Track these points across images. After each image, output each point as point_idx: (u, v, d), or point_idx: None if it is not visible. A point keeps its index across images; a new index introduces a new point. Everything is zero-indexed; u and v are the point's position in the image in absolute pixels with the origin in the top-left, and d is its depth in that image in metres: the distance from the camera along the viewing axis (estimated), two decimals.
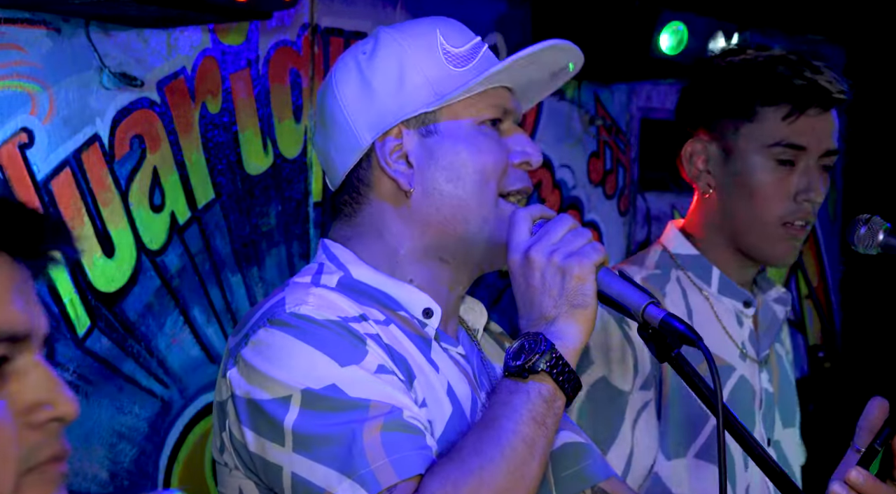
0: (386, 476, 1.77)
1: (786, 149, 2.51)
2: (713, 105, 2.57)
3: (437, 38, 1.98)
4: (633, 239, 4.51)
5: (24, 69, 2.83)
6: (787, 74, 2.52)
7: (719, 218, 2.59)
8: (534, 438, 1.79)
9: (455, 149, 1.95)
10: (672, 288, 2.60)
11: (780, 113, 2.51)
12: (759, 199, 2.53)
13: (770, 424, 2.63)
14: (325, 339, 1.84)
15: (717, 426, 1.76)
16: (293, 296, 1.89)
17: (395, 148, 1.96)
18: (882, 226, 2.31)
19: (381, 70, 1.97)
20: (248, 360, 1.86)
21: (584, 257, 1.85)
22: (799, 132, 2.51)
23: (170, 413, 3.15)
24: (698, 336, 1.78)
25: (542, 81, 2.07)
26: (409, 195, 1.96)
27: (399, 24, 2.05)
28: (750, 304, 2.62)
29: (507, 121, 2.00)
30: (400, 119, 1.95)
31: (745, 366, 2.61)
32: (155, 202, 3.12)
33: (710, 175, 2.58)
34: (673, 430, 2.54)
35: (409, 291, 1.96)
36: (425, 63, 1.96)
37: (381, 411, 1.80)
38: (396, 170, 1.96)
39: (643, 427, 2.53)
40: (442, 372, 1.94)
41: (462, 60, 1.97)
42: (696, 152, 2.58)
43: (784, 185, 2.52)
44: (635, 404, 2.52)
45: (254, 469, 1.88)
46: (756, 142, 2.52)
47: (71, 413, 1.15)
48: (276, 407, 1.82)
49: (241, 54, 3.29)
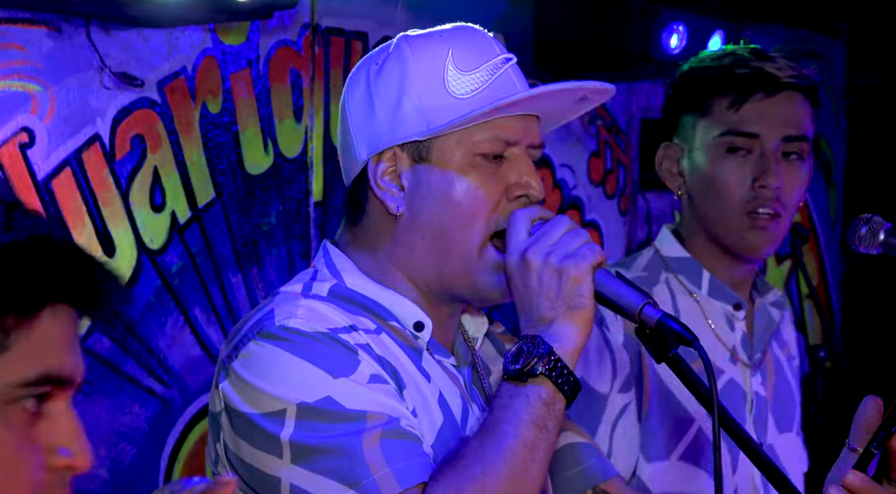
0: (389, 485, 1.77)
1: (735, 137, 2.54)
2: (675, 108, 2.62)
3: (446, 59, 1.92)
4: (633, 238, 4.51)
5: (25, 69, 2.84)
6: (731, 64, 2.55)
7: (695, 217, 2.61)
8: (535, 442, 1.79)
9: (443, 181, 1.90)
10: (660, 291, 2.61)
11: (726, 102, 2.54)
12: (718, 190, 2.54)
13: (762, 428, 2.63)
14: (316, 351, 1.82)
15: (713, 424, 1.77)
16: (282, 309, 1.87)
17: (388, 170, 1.93)
18: (882, 225, 2.32)
19: (382, 89, 1.93)
20: (239, 374, 1.85)
21: (580, 258, 1.84)
22: (747, 119, 2.53)
23: (170, 413, 3.16)
24: (695, 336, 1.78)
25: (566, 108, 2.02)
26: (398, 219, 1.93)
27: (421, 34, 1.98)
28: (740, 307, 2.61)
29: (516, 147, 1.93)
30: (392, 143, 1.92)
31: (735, 370, 2.61)
32: (155, 202, 3.12)
33: (680, 176, 2.61)
34: (655, 432, 2.54)
35: (402, 303, 1.94)
36: (424, 88, 1.91)
37: (379, 421, 1.80)
38: (386, 193, 1.93)
39: (622, 431, 2.53)
40: (433, 382, 1.93)
41: (468, 86, 1.91)
42: (666, 156, 2.63)
43: (739, 173, 2.53)
44: (614, 407, 2.52)
45: (249, 482, 1.87)
46: (708, 135, 2.55)
47: (85, 466, 1.22)
48: (271, 421, 1.81)
49: (242, 54, 3.29)
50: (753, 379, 2.62)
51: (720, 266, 2.61)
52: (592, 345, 2.49)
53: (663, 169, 2.63)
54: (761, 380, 2.64)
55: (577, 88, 1.95)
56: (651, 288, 2.58)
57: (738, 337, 2.62)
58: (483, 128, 1.91)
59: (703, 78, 2.56)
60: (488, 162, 1.92)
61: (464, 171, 1.91)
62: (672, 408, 2.51)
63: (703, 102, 2.56)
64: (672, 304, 2.59)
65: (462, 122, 1.89)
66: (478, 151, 1.91)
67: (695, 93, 2.57)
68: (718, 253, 2.60)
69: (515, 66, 1.97)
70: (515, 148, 1.94)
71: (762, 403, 2.63)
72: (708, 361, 1.75)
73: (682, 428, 2.55)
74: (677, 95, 2.62)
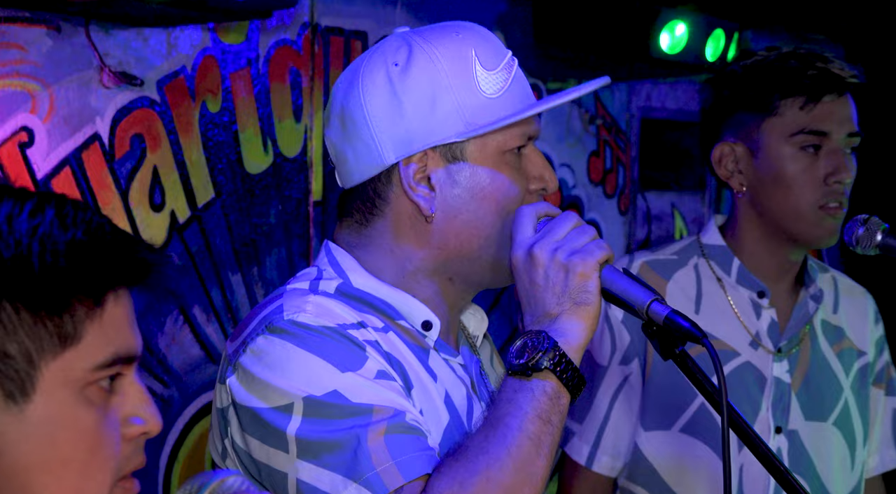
0: (392, 478, 1.77)
1: (808, 136, 2.64)
2: (734, 107, 2.71)
3: (472, 59, 1.93)
4: (633, 238, 4.51)
5: (25, 68, 2.83)
6: (800, 66, 2.66)
7: (756, 212, 2.70)
8: (540, 436, 1.79)
9: (478, 178, 1.93)
10: (684, 274, 2.73)
11: (798, 103, 2.65)
12: (792, 188, 2.65)
13: (781, 412, 2.69)
14: (324, 346, 1.83)
15: (722, 424, 1.76)
16: (291, 303, 1.88)
17: (419, 170, 1.93)
18: (880, 226, 2.34)
19: (413, 90, 1.92)
20: (247, 368, 1.86)
21: (587, 254, 1.85)
22: (818, 119, 2.65)
23: (170, 413, 3.15)
24: (703, 333, 1.78)
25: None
26: (430, 219, 1.94)
27: (430, 32, 1.98)
28: (764, 294, 2.71)
29: (529, 144, 1.98)
30: (428, 145, 1.92)
31: (755, 354, 2.69)
32: (155, 201, 3.12)
33: (741, 174, 2.70)
34: (657, 401, 2.65)
35: (410, 302, 1.94)
36: (459, 88, 1.92)
37: (385, 415, 1.80)
38: (419, 194, 1.93)
39: (623, 402, 2.68)
40: (440, 381, 1.94)
41: (495, 85, 1.93)
42: (724, 155, 2.72)
43: (812, 171, 2.64)
44: (613, 379, 2.68)
45: (258, 477, 1.88)
46: (779, 134, 2.66)
47: (157, 429, 1.33)
48: (278, 415, 1.82)
49: (242, 53, 3.29)
50: (777, 365, 2.70)
51: (766, 257, 2.72)
52: None
53: (723, 167, 2.72)
54: (788, 368, 2.71)
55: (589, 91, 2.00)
56: (675, 270, 2.73)
57: (764, 324, 2.72)
58: (512, 126, 1.94)
59: (771, 79, 2.66)
60: (514, 156, 1.95)
61: (497, 168, 1.94)
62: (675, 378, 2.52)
63: (769, 103, 2.66)
64: (696, 287, 2.72)
65: (503, 124, 1.92)
66: (507, 147, 1.94)
67: (760, 93, 2.67)
68: (769, 246, 2.71)
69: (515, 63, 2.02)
70: (530, 142, 1.98)
71: (784, 389, 2.70)
72: (716, 358, 1.75)
73: (686, 400, 2.64)
74: (735, 96, 2.71)
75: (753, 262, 2.72)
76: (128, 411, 1.31)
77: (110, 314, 1.29)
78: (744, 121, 2.69)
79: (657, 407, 2.66)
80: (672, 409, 2.65)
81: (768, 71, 2.68)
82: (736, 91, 2.71)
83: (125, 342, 1.30)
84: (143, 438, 1.33)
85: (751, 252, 2.72)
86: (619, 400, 2.68)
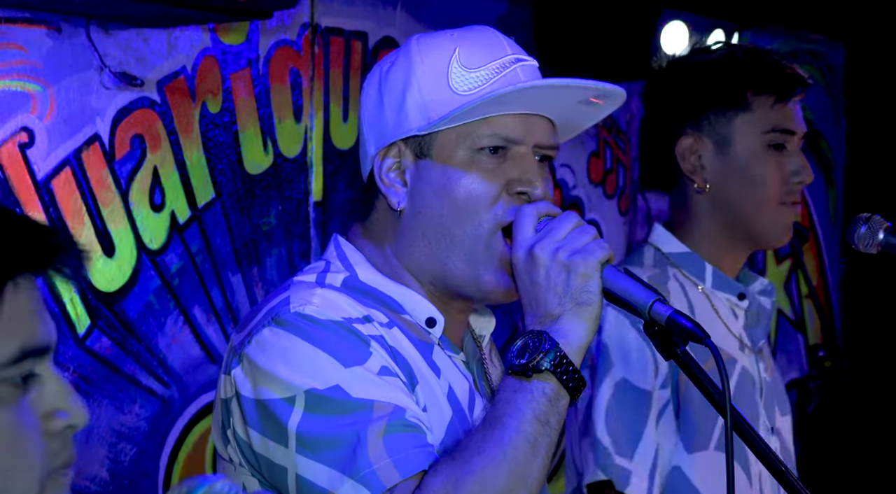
0: (388, 475, 1.78)
1: (778, 134, 2.62)
2: (701, 100, 2.64)
3: (451, 57, 1.93)
4: (633, 238, 4.51)
5: (25, 68, 2.83)
6: (774, 64, 2.63)
7: (716, 209, 2.64)
8: (537, 437, 1.79)
9: (442, 177, 1.92)
10: (673, 286, 2.64)
11: (769, 101, 2.61)
12: (761, 185, 2.61)
13: (771, 412, 2.68)
14: (329, 340, 1.84)
15: (726, 425, 1.76)
16: (298, 296, 1.89)
17: (393, 165, 1.95)
18: (882, 225, 2.34)
19: (390, 85, 1.96)
20: (252, 359, 1.87)
21: (588, 254, 1.84)
22: (787, 118, 2.63)
23: (170, 413, 3.15)
24: (705, 333, 1.78)
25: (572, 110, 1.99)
26: (400, 214, 1.95)
27: (436, 33, 2.01)
28: (744, 296, 2.67)
29: (521, 146, 1.93)
30: (395, 138, 1.95)
31: (745, 357, 2.66)
32: (155, 201, 3.12)
33: (704, 169, 2.64)
34: (693, 423, 2.57)
35: (414, 298, 1.95)
36: (428, 84, 1.93)
37: (385, 411, 1.81)
38: (389, 188, 1.95)
39: (665, 425, 2.57)
40: (443, 377, 1.94)
41: (471, 83, 1.92)
42: (688, 149, 2.64)
43: (780, 169, 2.61)
44: (658, 403, 2.56)
45: (258, 469, 1.89)
46: (752, 130, 2.62)
47: (83, 421, 1.23)
48: (281, 407, 1.83)
49: (242, 54, 3.29)
50: (759, 365, 2.68)
51: (724, 258, 2.67)
52: (632, 344, 2.52)
53: (688, 162, 2.65)
54: (764, 366, 2.70)
55: (569, 85, 1.94)
56: (665, 283, 2.63)
57: (741, 326, 2.68)
58: (483, 125, 1.92)
59: (745, 75, 2.62)
60: (489, 157, 1.92)
61: (464, 168, 1.92)
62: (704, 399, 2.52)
63: (741, 98, 2.61)
64: (685, 298, 2.64)
65: (456, 115, 1.89)
66: (477, 146, 1.92)
67: (733, 88, 2.62)
68: (726, 246, 2.66)
69: (529, 67, 1.96)
70: (521, 147, 1.93)
71: (769, 387, 2.69)
72: (720, 358, 1.74)
73: (716, 418, 2.57)
74: (705, 90, 2.64)
75: (722, 263, 2.67)
76: (48, 406, 1.21)
77: (11, 305, 1.17)
78: (710, 114, 2.63)
79: (694, 428, 2.58)
80: (708, 428, 2.58)
81: (742, 66, 2.63)
82: (703, 84, 2.64)
83: (32, 334, 1.19)
84: (70, 432, 1.24)
85: (713, 253, 2.66)
86: (662, 424, 2.57)
